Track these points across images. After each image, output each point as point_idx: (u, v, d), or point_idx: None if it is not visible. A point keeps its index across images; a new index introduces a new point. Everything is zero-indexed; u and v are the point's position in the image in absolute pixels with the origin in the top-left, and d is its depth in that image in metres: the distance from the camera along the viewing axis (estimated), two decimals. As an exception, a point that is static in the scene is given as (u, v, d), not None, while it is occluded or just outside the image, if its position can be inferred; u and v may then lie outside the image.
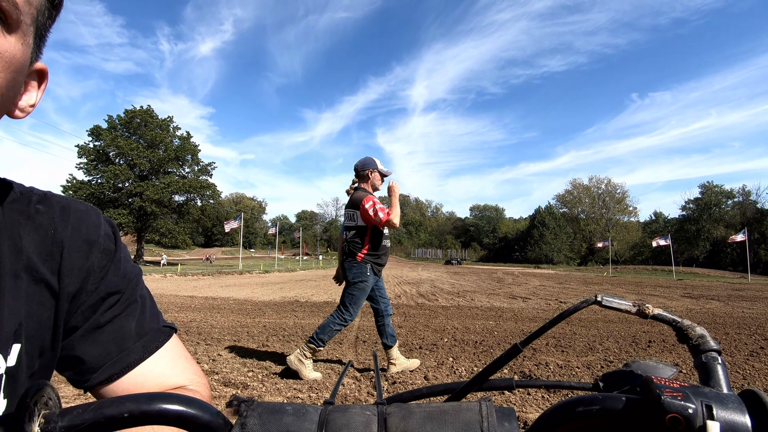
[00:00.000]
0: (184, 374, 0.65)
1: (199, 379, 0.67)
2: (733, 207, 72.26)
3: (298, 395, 3.60)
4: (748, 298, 13.94)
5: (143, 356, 0.61)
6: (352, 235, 4.06)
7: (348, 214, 4.16)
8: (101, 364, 0.58)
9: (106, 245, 0.60)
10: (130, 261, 0.66)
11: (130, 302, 0.62)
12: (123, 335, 0.60)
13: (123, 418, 0.32)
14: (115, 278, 0.60)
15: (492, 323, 7.65)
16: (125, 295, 0.61)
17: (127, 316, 0.61)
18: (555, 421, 0.34)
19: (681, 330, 0.39)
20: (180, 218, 45.03)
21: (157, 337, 0.64)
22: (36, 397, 0.31)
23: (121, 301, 0.60)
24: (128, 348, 0.60)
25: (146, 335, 0.62)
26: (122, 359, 0.59)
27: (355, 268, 3.98)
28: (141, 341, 0.61)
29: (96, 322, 0.58)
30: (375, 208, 3.92)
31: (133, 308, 0.62)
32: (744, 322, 8.12)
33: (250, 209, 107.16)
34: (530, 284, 20.20)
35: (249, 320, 7.56)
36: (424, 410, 0.34)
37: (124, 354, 0.59)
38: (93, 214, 0.61)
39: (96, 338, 0.58)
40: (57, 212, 0.56)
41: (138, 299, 0.63)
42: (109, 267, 0.59)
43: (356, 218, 4.05)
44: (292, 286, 16.23)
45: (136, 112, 42.80)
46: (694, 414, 0.28)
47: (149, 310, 0.65)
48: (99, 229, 0.60)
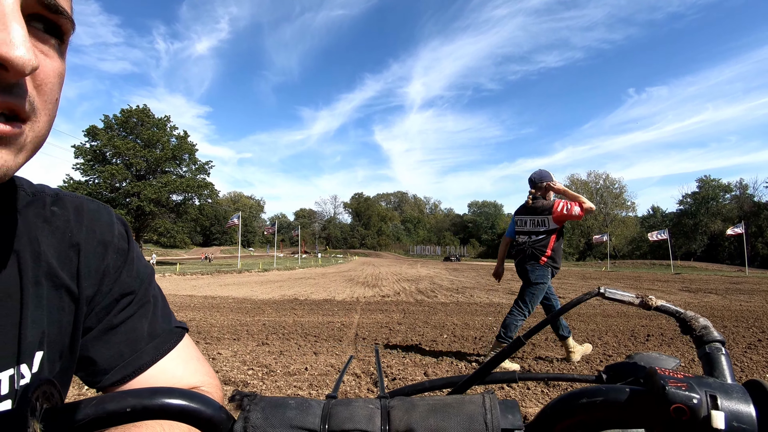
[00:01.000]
0: (196, 375, 0.65)
1: (211, 381, 0.67)
2: (731, 201, 72.53)
3: (298, 393, 3.61)
4: (746, 291, 14.02)
5: (155, 358, 0.61)
6: (536, 240, 4.43)
7: (533, 221, 4.51)
8: (114, 366, 0.58)
9: (120, 245, 0.60)
10: (143, 260, 0.65)
11: (143, 303, 0.62)
12: (136, 337, 0.60)
13: (125, 412, 0.32)
14: (128, 279, 0.60)
15: (491, 319, 7.67)
16: (138, 296, 0.61)
17: (140, 317, 0.61)
18: (559, 413, 0.34)
19: (684, 321, 0.39)
20: (178, 218, 44.92)
21: (169, 339, 0.64)
22: (38, 393, 0.31)
23: (135, 302, 0.61)
24: (141, 349, 0.60)
25: (158, 336, 0.62)
26: (134, 361, 0.59)
27: (537, 271, 4.34)
28: (153, 342, 0.61)
29: (110, 323, 0.58)
30: (567, 207, 4.32)
31: (146, 309, 0.62)
32: (742, 315, 8.16)
33: (248, 208, 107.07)
34: (529, 280, 20.21)
35: (248, 319, 7.56)
36: (427, 403, 0.34)
37: (137, 355, 0.59)
38: (105, 213, 0.61)
39: (109, 339, 0.58)
40: (71, 213, 0.56)
41: (150, 299, 0.63)
42: (122, 267, 0.60)
43: (547, 223, 4.41)
44: (291, 285, 16.24)
45: (133, 111, 42.61)
46: (698, 404, 0.28)
47: (161, 310, 0.65)
48: (113, 229, 0.60)
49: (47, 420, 0.30)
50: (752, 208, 67.61)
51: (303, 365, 4.42)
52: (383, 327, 6.76)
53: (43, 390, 0.31)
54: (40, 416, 0.30)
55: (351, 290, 13.96)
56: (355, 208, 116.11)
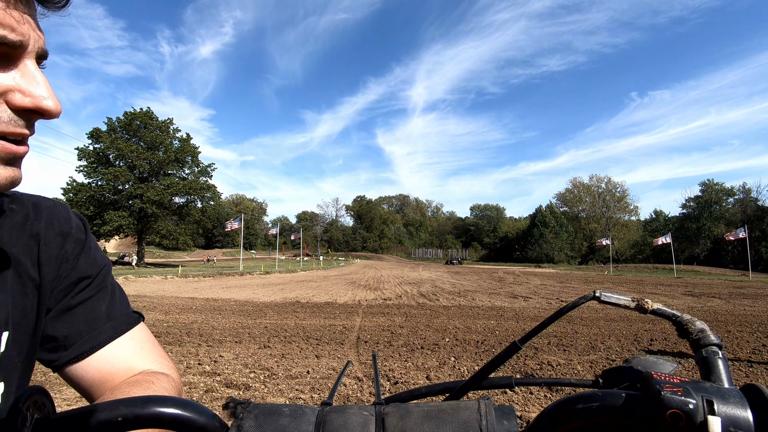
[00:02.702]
0: (152, 357, 0.67)
1: (167, 363, 0.69)
2: (734, 205, 72.18)
3: (300, 396, 3.60)
4: (750, 295, 13.93)
5: (113, 336, 0.64)
6: None
7: None
8: (72, 343, 0.61)
9: (78, 236, 0.65)
10: (100, 251, 0.69)
11: (101, 287, 0.65)
12: (94, 317, 0.63)
13: (117, 422, 0.32)
14: (86, 265, 0.64)
15: (493, 323, 7.64)
16: (96, 281, 0.65)
17: (97, 300, 0.64)
18: (554, 418, 0.33)
19: (681, 324, 0.39)
20: (180, 220, 44.97)
21: (126, 320, 0.67)
22: (29, 402, 0.30)
23: (92, 286, 0.64)
24: (98, 328, 0.63)
25: (116, 318, 0.66)
26: (92, 338, 0.62)
27: None
28: (110, 323, 0.64)
29: (68, 303, 0.61)
30: None
31: (104, 293, 0.66)
32: (746, 319, 8.11)
33: (250, 210, 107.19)
34: (531, 283, 20.19)
35: (250, 321, 7.56)
36: (422, 410, 0.34)
37: (94, 333, 0.62)
38: (62, 209, 0.65)
39: (67, 319, 0.61)
40: (30, 208, 0.60)
41: (108, 286, 0.67)
42: (80, 255, 0.64)
43: None
44: (292, 287, 16.24)
45: (136, 114, 42.79)
46: (694, 409, 0.28)
47: (119, 297, 0.68)
48: (71, 222, 0.65)
49: (38, 430, 0.30)
50: (756, 212, 67.22)
51: (305, 368, 4.41)
52: (385, 330, 6.74)
53: (34, 400, 0.31)
54: (30, 426, 0.30)
55: (353, 293, 13.94)
56: (357, 211, 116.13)
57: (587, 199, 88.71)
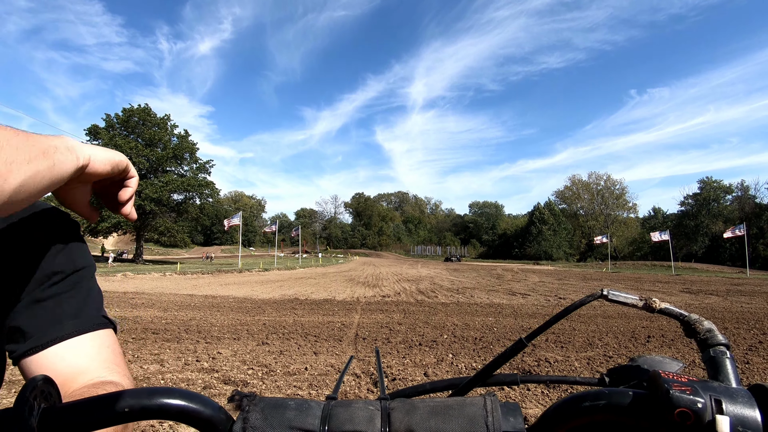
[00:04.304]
0: (107, 363, 0.61)
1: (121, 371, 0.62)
2: (732, 202, 72.39)
3: (298, 393, 3.61)
4: (747, 293, 13.99)
5: (72, 334, 0.60)
6: None
7: None
8: (31, 336, 0.59)
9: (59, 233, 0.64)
10: (86, 254, 0.68)
11: (74, 286, 0.63)
12: (60, 312, 0.61)
13: (123, 412, 0.32)
14: (62, 260, 0.63)
15: (491, 320, 7.66)
16: (70, 279, 0.63)
17: (68, 297, 0.62)
18: (561, 416, 0.33)
19: (688, 324, 0.39)
20: (179, 217, 44.90)
21: (91, 322, 0.63)
22: (35, 392, 0.31)
23: (65, 282, 0.62)
24: (62, 323, 0.60)
25: (81, 318, 0.62)
26: (51, 333, 0.59)
27: None
28: (74, 321, 0.61)
29: (38, 295, 0.60)
30: None
31: (77, 292, 0.63)
32: (743, 316, 8.15)
33: (249, 207, 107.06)
34: (529, 281, 20.24)
35: (249, 318, 7.57)
36: (427, 405, 0.34)
37: (55, 329, 0.59)
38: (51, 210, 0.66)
39: (35, 311, 0.59)
40: None
41: (84, 287, 0.65)
42: (60, 251, 0.63)
43: None
44: (291, 284, 16.25)
45: (134, 110, 42.63)
46: (703, 408, 0.28)
47: (93, 300, 0.66)
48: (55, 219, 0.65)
49: (44, 420, 0.30)
50: (753, 209, 67.44)
51: (303, 365, 4.42)
52: (383, 327, 6.75)
53: (41, 389, 0.31)
54: (38, 416, 0.30)
55: (351, 290, 13.96)
56: (356, 208, 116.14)
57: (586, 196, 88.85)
